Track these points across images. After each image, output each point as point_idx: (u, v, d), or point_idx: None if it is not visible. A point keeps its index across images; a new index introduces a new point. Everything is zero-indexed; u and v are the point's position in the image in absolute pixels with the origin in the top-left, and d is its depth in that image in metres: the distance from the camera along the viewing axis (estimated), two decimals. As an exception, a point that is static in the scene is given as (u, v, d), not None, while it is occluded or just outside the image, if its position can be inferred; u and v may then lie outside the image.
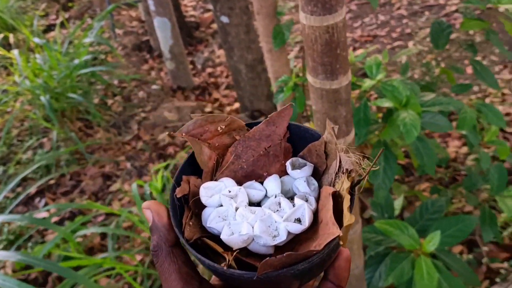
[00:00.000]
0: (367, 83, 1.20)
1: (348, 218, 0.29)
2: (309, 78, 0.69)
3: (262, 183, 0.37)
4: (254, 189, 0.37)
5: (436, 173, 1.70)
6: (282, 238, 0.32)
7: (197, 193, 0.36)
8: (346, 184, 0.32)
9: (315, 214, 0.34)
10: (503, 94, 2.34)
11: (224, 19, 2.27)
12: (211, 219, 0.34)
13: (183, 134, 0.37)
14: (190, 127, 0.37)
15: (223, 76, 3.48)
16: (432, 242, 1.04)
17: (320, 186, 0.36)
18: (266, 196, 0.37)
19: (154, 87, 3.28)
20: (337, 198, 0.33)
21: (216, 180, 0.38)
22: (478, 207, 1.50)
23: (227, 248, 0.32)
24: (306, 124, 1.56)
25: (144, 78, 3.43)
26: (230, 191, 0.35)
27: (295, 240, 0.33)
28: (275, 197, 0.35)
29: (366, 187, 1.65)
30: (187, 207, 0.36)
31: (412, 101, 1.17)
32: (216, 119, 0.37)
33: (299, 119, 1.68)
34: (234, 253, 0.31)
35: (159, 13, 2.87)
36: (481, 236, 1.54)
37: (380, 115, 1.90)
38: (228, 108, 2.95)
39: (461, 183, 1.76)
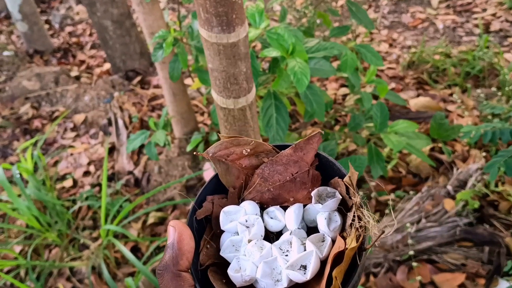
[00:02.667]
0: (252, 32, 1.13)
1: None
2: (203, 32, 0.60)
3: (287, 207, 0.37)
4: (274, 219, 0.36)
5: (323, 118, 1.74)
6: (283, 284, 0.32)
7: (219, 214, 0.36)
8: (351, 247, 0.31)
9: (325, 261, 0.32)
10: (371, 33, 2.46)
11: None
12: (225, 247, 0.35)
13: (210, 155, 0.37)
14: (217, 148, 0.37)
15: (87, 35, 3.16)
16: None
17: (344, 224, 0.34)
18: (286, 226, 0.36)
19: (6, 53, 2.86)
20: (342, 257, 0.31)
21: (243, 199, 0.38)
22: (364, 146, 1.57)
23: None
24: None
25: (-9, 44, 2.98)
26: (247, 220, 0.35)
27: (299, 285, 0.33)
28: (290, 234, 0.35)
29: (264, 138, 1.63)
30: (209, 227, 0.37)
31: (298, 49, 1.13)
32: (242, 142, 0.37)
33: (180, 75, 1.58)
34: None
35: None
36: (367, 172, 1.63)
37: (263, 64, 1.87)
38: (97, 70, 2.70)
39: (345, 124, 1.83)
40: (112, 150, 1.99)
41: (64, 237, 1.60)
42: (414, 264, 1.29)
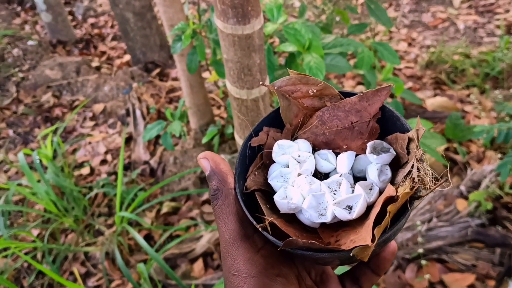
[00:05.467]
0: (270, 27, 1.15)
1: (375, 239, 0.29)
2: (219, 23, 0.62)
3: (338, 154, 0.37)
4: (325, 160, 0.37)
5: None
6: (327, 219, 0.33)
7: (272, 146, 0.37)
8: (406, 192, 0.31)
9: (371, 206, 0.33)
10: (390, 32, 2.45)
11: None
12: (274, 176, 0.36)
13: (275, 88, 0.37)
14: (284, 82, 0.37)
15: (108, 26, 3.21)
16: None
17: (393, 179, 0.35)
18: (335, 170, 0.37)
19: (30, 43, 2.93)
20: (391, 202, 0.31)
21: (296, 137, 0.39)
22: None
23: (277, 209, 0.34)
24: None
25: (17, 34, 3.05)
26: (300, 156, 0.36)
27: (341, 223, 0.34)
28: (340, 176, 0.35)
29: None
30: (260, 156, 0.38)
31: (315, 44, 1.14)
32: (310, 82, 0.37)
33: (198, 68, 1.60)
34: (271, 219, 0.32)
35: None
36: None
37: (280, 59, 1.89)
38: (118, 61, 2.74)
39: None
40: (129, 140, 2.03)
41: (80, 222, 1.64)
42: (423, 262, 1.29)
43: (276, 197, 0.34)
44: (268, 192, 0.36)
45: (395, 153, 0.35)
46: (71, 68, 2.56)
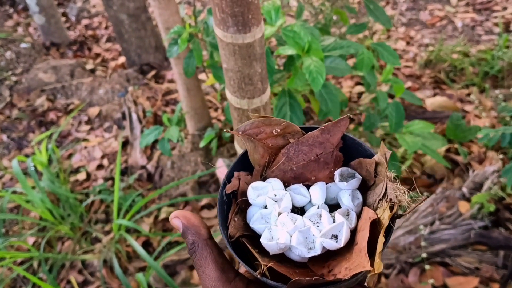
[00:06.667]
0: (268, 30, 1.12)
1: (378, 264, 0.30)
2: (218, 32, 0.60)
3: (309, 186, 0.39)
4: (299, 194, 0.38)
5: (339, 117, 1.72)
6: (317, 252, 0.34)
7: (246, 190, 0.38)
8: (387, 215, 0.32)
9: (353, 232, 0.35)
10: (388, 31, 2.43)
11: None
12: (255, 220, 0.37)
13: (240, 133, 0.38)
14: (247, 127, 0.38)
15: (103, 28, 3.17)
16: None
17: (364, 201, 0.37)
18: (310, 202, 0.38)
19: (23, 45, 2.89)
20: (375, 225, 0.33)
21: (265, 177, 0.40)
22: (378, 146, 1.55)
23: (265, 250, 0.34)
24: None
25: (10, 36, 3.00)
26: (275, 195, 0.37)
27: (329, 253, 0.35)
28: (318, 207, 0.37)
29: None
30: (235, 202, 0.39)
31: (314, 47, 1.12)
32: (273, 122, 0.39)
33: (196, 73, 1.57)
34: (269, 264, 0.32)
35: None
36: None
37: (278, 61, 1.86)
38: (112, 63, 2.71)
39: (360, 123, 1.81)
40: (125, 144, 2.00)
41: (76, 230, 1.61)
42: (427, 266, 1.27)
43: (263, 240, 0.35)
44: (252, 236, 0.37)
45: (361, 177, 0.38)
46: (65, 71, 2.53)
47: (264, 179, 0.40)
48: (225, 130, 0.38)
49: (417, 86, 2.03)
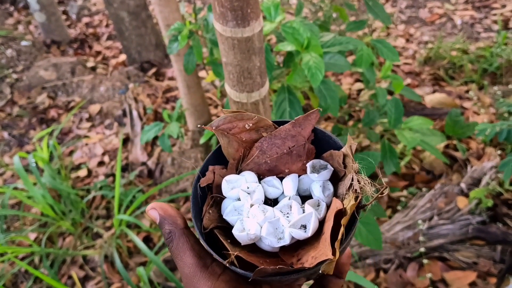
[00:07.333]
0: (267, 26, 1.13)
1: (336, 252, 0.31)
2: (217, 26, 0.61)
3: (282, 178, 0.40)
4: (272, 186, 0.39)
5: (337, 114, 1.73)
6: (286, 241, 0.35)
7: (220, 183, 0.39)
8: (352, 204, 0.33)
9: (322, 222, 0.36)
10: (388, 28, 2.44)
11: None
12: (228, 212, 0.38)
13: (213, 128, 0.39)
14: (220, 122, 0.39)
15: (103, 26, 3.18)
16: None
17: (336, 191, 0.38)
18: (283, 193, 0.39)
19: (24, 43, 2.90)
20: (341, 215, 0.34)
21: (240, 170, 0.41)
22: (377, 142, 1.56)
23: (237, 241, 0.36)
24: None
25: (10, 34, 3.01)
26: (248, 187, 0.38)
27: (299, 243, 0.36)
28: (289, 199, 0.38)
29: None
30: (210, 195, 0.40)
31: (313, 43, 1.13)
32: (245, 117, 0.39)
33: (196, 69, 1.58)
34: (236, 253, 0.33)
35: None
36: (380, 168, 1.62)
37: (278, 58, 1.87)
38: (113, 61, 2.72)
39: (359, 120, 1.82)
40: (126, 141, 2.01)
41: (78, 225, 1.62)
42: (425, 261, 1.29)
43: (234, 231, 0.36)
44: (225, 227, 0.38)
45: (333, 169, 0.39)
46: (66, 69, 2.54)
47: (239, 173, 0.41)
48: (198, 125, 0.39)
49: (416, 83, 2.04)
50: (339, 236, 0.32)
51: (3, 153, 2.10)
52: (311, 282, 0.42)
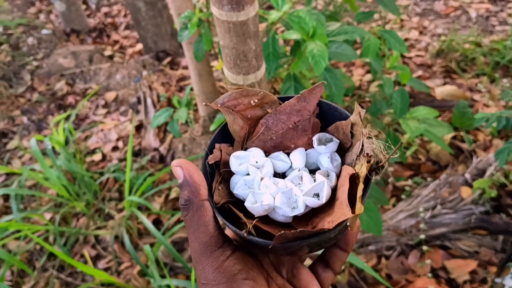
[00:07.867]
0: (274, 15, 1.16)
1: (358, 208, 0.31)
2: (214, 10, 0.64)
3: (289, 154, 0.40)
4: (280, 160, 0.39)
5: (343, 102, 1.75)
6: (300, 210, 0.35)
7: (228, 160, 0.39)
8: (365, 168, 0.34)
9: (334, 190, 0.36)
10: (401, 20, 2.44)
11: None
12: (238, 187, 0.38)
13: (218, 105, 0.39)
14: (225, 99, 0.39)
15: (121, 16, 3.24)
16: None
17: (343, 163, 0.38)
18: (291, 167, 0.39)
19: (44, 31, 2.98)
20: (354, 179, 0.35)
21: (246, 148, 0.41)
22: (383, 131, 1.58)
23: (249, 214, 0.36)
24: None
25: (32, 23, 3.10)
26: (257, 162, 0.38)
27: (313, 212, 0.36)
28: (299, 170, 0.38)
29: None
30: (218, 172, 0.40)
31: (319, 32, 1.15)
32: (250, 93, 0.39)
33: (206, 57, 1.62)
34: (254, 221, 0.33)
35: None
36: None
37: (288, 48, 1.90)
38: (130, 50, 2.78)
39: (367, 109, 1.83)
40: (140, 127, 2.07)
41: (91, 206, 1.69)
42: (424, 247, 1.31)
43: (247, 204, 0.36)
44: (236, 202, 0.38)
45: (339, 141, 0.39)
46: (84, 57, 2.60)
47: (245, 150, 0.41)
48: (204, 103, 0.40)
49: (427, 75, 2.04)
50: (360, 192, 0.32)
51: (22, 137, 2.18)
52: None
